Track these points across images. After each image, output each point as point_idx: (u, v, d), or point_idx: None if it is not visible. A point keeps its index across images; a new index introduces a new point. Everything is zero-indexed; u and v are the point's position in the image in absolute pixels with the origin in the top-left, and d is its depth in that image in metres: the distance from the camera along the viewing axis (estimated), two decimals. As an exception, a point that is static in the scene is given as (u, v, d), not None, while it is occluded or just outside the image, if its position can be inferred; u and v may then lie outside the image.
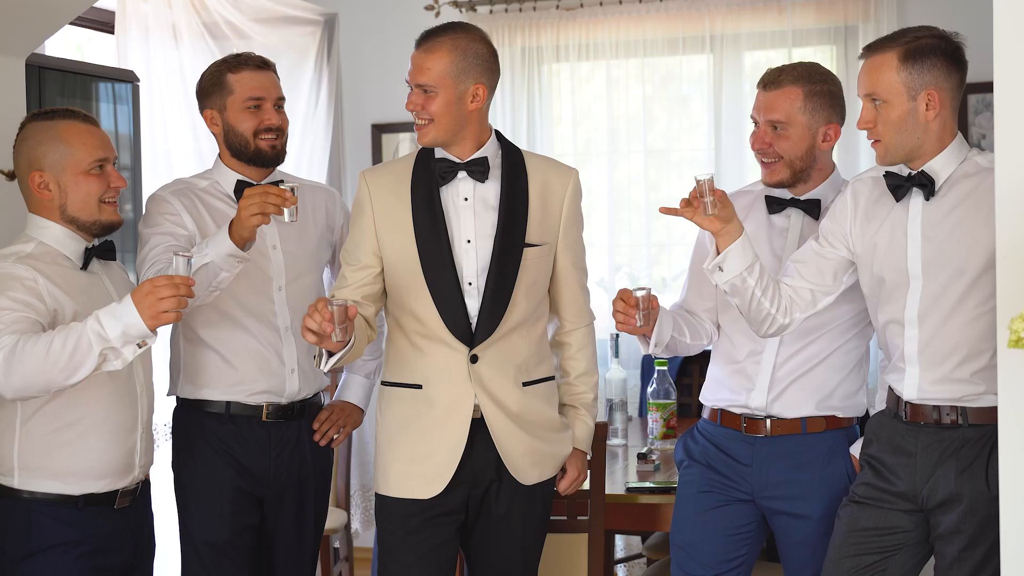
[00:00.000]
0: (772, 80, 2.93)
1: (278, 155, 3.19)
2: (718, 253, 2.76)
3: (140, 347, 2.62)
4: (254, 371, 3.15)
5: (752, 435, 2.99)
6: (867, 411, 3.07)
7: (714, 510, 3.01)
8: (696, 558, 3.00)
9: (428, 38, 2.81)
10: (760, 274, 2.77)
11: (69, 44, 4.71)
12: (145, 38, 4.56)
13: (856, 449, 2.94)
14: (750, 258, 2.76)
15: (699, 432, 3.12)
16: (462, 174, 2.85)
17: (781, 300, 2.81)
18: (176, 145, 4.58)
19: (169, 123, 4.61)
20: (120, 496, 2.85)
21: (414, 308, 2.86)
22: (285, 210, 2.84)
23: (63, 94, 3.82)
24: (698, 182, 2.68)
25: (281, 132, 3.19)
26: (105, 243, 2.90)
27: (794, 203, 2.99)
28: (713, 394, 3.09)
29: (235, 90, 3.14)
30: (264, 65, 3.19)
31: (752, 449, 2.99)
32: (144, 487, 2.97)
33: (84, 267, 2.84)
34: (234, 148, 3.18)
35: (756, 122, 2.97)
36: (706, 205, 2.68)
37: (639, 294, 2.80)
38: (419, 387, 2.88)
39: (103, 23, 4.67)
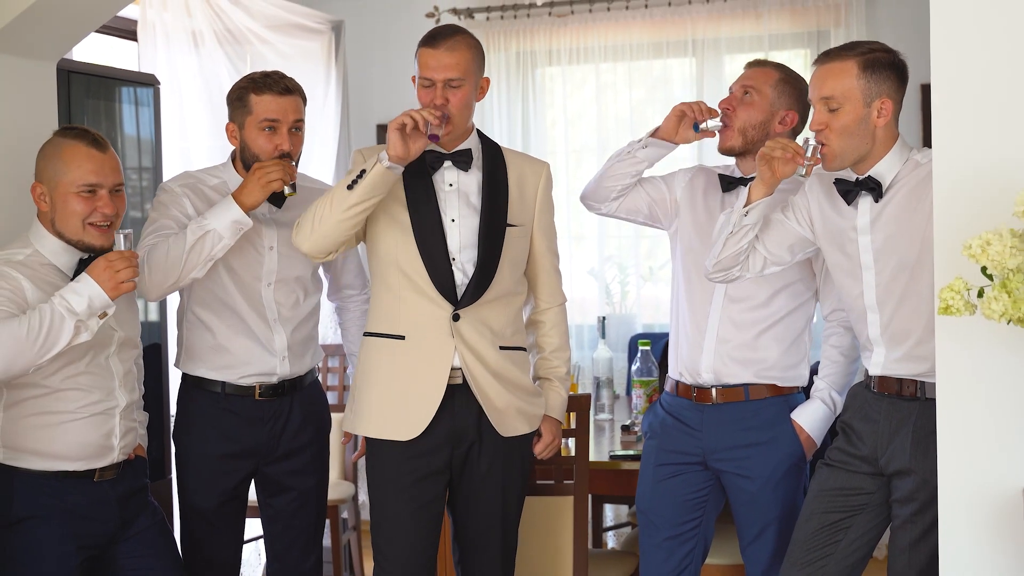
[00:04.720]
0: (756, 63, 3.22)
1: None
2: (749, 201, 2.91)
3: (101, 318, 2.81)
4: (245, 356, 3.23)
5: (701, 403, 3.18)
6: (811, 380, 3.22)
7: (670, 479, 3.22)
8: (656, 522, 3.23)
9: (445, 37, 2.94)
10: (756, 235, 2.97)
11: (93, 50, 4.74)
12: (167, 44, 4.70)
13: (798, 416, 3.15)
14: (763, 218, 2.96)
15: (660, 405, 3.32)
16: (448, 163, 3.01)
17: (748, 257, 3.00)
18: (195, 143, 4.74)
19: (188, 123, 4.77)
20: (100, 471, 2.96)
21: (404, 265, 2.97)
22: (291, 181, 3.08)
23: (88, 96, 3.86)
24: (809, 145, 2.79)
25: (290, 158, 3.17)
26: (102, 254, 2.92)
27: (742, 181, 3.17)
28: (673, 359, 3.28)
29: (254, 111, 3.16)
30: (288, 91, 3.17)
31: (702, 416, 3.18)
32: (137, 463, 3.09)
33: (73, 278, 2.89)
34: (247, 164, 3.20)
35: (732, 92, 3.19)
36: (808, 168, 2.80)
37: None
38: (402, 338, 2.99)
39: (124, 31, 4.82)
